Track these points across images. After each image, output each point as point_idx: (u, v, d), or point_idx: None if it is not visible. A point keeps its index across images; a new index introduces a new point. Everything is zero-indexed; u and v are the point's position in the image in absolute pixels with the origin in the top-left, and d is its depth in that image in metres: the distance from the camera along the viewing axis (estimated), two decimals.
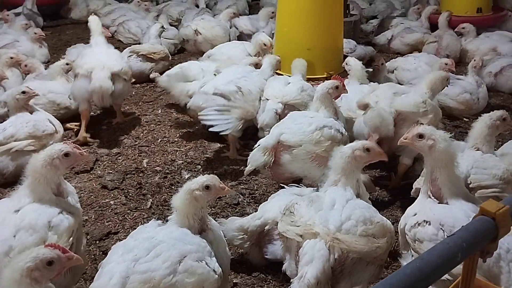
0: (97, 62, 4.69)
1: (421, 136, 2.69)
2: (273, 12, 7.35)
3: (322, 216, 2.53)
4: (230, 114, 4.14)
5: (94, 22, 5.10)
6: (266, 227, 3.01)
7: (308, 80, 4.71)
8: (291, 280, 2.54)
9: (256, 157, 3.55)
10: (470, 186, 3.16)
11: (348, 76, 4.74)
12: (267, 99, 4.22)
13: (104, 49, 4.92)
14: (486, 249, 1.72)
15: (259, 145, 3.59)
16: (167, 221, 2.69)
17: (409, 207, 2.80)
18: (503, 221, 1.68)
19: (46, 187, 2.68)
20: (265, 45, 5.52)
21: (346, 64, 4.79)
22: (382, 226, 2.57)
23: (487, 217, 1.69)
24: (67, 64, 5.16)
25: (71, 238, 2.67)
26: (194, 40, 6.82)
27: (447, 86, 4.25)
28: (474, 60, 5.19)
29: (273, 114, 4.16)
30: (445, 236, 2.45)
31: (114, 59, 4.82)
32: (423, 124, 2.94)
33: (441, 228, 2.52)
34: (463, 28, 6.89)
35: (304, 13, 5.00)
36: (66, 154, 2.69)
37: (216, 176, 2.71)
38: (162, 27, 6.58)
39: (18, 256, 2.22)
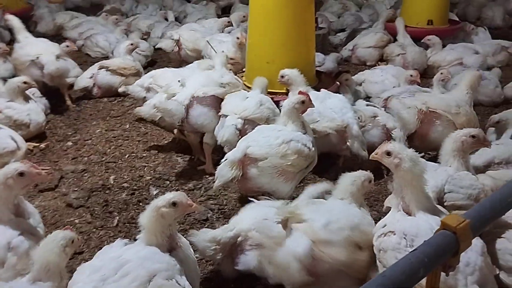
0: (41, 49, 5.65)
1: (388, 153, 2.74)
2: (244, 16, 7.41)
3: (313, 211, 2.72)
4: None
5: (15, 21, 5.97)
6: (239, 239, 2.97)
7: (269, 93, 4.65)
8: None
9: (224, 172, 3.50)
10: (445, 204, 3.14)
11: (290, 87, 4.58)
12: (225, 115, 4.15)
13: (36, 39, 5.94)
14: (448, 264, 1.73)
15: (226, 159, 3.55)
16: (135, 240, 2.64)
17: (381, 220, 2.84)
18: (464, 235, 1.69)
19: (3, 208, 2.64)
20: (231, 59, 5.54)
21: (282, 77, 4.55)
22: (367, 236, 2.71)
23: (448, 231, 1.70)
24: (24, 82, 4.93)
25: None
26: (177, 50, 6.88)
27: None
28: (441, 73, 5.20)
29: (233, 130, 4.08)
30: (408, 245, 2.52)
31: (52, 45, 5.85)
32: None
33: (404, 237, 2.55)
34: (429, 40, 7.04)
35: (266, 27, 4.98)
36: (21, 174, 2.64)
37: (183, 193, 2.68)
38: (132, 44, 6.49)
39: None
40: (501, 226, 2.82)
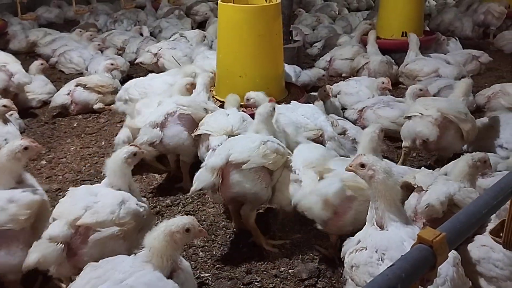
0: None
1: (363, 165, 2.78)
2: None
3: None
4: None
5: None
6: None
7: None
8: None
9: (204, 177, 3.44)
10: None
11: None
12: (209, 135, 4.04)
13: None
14: (426, 277, 1.73)
15: (206, 164, 3.48)
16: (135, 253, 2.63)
17: (356, 235, 2.85)
18: (441, 248, 1.69)
19: (9, 177, 3.12)
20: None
21: (248, 99, 4.54)
22: None
23: (424, 245, 1.70)
24: (4, 106, 4.73)
25: (30, 211, 2.97)
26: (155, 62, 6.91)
27: None
28: (421, 90, 5.18)
29: None
30: (379, 259, 2.55)
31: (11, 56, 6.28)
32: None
33: (375, 252, 2.58)
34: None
35: (236, 41, 5.04)
36: (26, 148, 3.20)
37: (194, 218, 2.68)
38: (113, 64, 6.44)
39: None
40: None
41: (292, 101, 4.70)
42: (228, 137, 3.97)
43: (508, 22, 9.50)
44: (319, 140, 4.23)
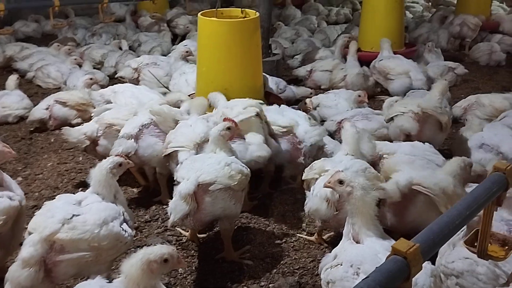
0: None
1: (341, 182, 2.81)
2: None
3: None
4: None
5: None
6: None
7: None
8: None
9: (180, 206, 3.35)
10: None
11: None
12: (180, 149, 4.02)
13: None
14: None
15: (178, 193, 3.39)
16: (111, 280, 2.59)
17: (333, 250, 2.87)
18: (415, 260, 1.71)
19: None
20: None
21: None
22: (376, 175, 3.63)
23: (399, 256, 1.71)
24: None
25: (5, 217, 2.97)
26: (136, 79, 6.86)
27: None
28: (396, 102, 5.33)
29: None
30: (355, 273, 2.56)
31: None
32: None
33: (351, 266, 2.59)
34: None
35: (216, 55, 5.08)
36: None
37: (174, 248, 2.63)
38: (92, 79, 6.39)
39: None
40: None
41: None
42: (197, 149, 3.99)
43: (483, 34, 9.69)
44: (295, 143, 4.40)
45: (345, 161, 3.68)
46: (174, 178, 3.60)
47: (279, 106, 4.85)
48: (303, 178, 3.77)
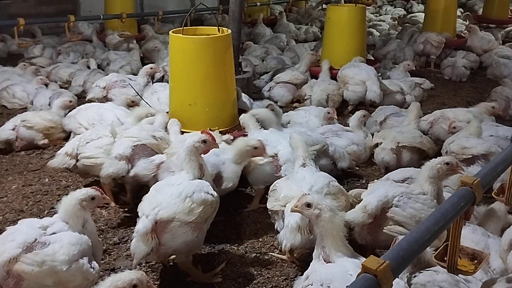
0: None
1: (309, 205, 2.82)
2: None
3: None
4: None
5: None
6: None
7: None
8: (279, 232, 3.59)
9: (140, 248, 3.23)
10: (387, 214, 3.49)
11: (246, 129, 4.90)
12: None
13: None
14: None
15: (136, 233, 3.28)
16: None
17: (305, 272, 2.85)
18: (385, 277, 1.70)
19: None
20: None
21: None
22: (339, 188, 3.68)
23: (369, 274, 1.70)
24: None
25: None
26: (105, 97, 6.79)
27: None
28: (364, 116, 5.59)
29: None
30: None
31: None
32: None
33: (321, 285, 2.58)
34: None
35: (187, 71, 5.11)
36: None
37: (143, 273, 2.57)
38: (71, 101, 6.29)
39: None
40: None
41: None
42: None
43: (447, 51, 9.95)
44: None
45: (308, 177, 3.66)
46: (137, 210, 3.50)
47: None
48: (268, 207, 3.71)
